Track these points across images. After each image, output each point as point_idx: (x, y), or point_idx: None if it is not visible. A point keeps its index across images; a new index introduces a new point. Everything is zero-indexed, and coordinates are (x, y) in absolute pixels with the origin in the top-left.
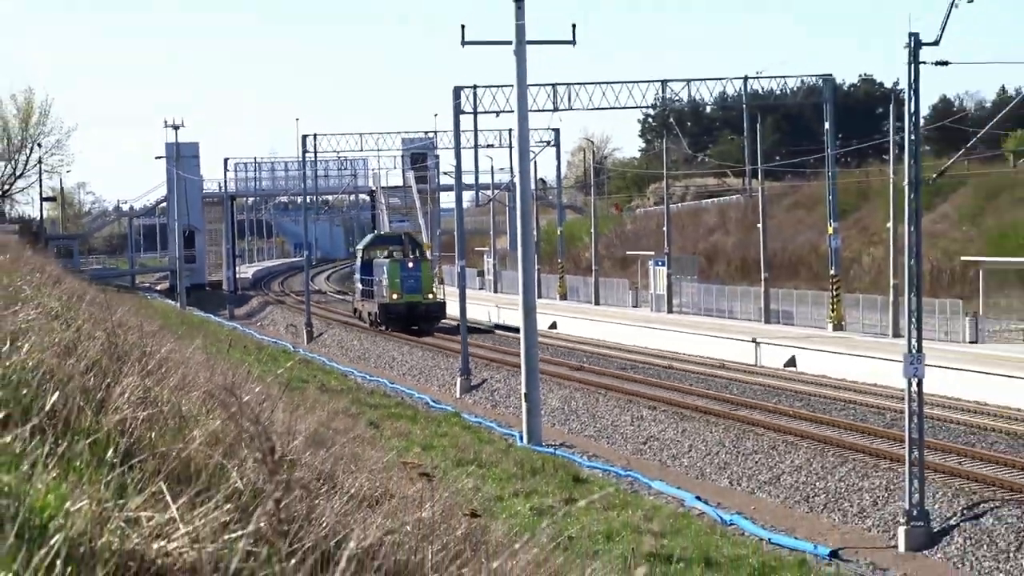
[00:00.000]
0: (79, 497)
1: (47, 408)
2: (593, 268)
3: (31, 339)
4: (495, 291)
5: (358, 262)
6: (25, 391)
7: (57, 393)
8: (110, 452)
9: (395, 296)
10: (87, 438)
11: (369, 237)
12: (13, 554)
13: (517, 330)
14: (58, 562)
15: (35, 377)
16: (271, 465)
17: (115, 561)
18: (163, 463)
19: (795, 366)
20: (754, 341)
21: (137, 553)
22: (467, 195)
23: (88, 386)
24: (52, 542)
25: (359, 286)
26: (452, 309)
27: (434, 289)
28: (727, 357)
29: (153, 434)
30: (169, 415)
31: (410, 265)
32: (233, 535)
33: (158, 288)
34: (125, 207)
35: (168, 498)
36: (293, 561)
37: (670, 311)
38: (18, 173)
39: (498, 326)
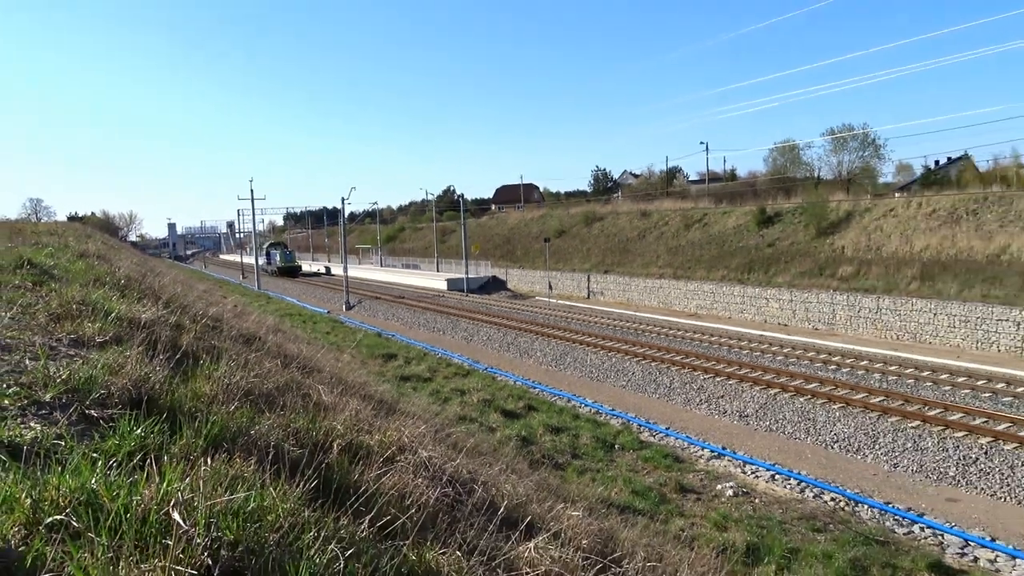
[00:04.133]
0: (121, 304)
1: (120, 283)
2: None
3: (125, 269)
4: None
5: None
6: (117, 281)
7: (124, 280)
8: (136, 294)
9: (281, 264)
10: (133, 291)
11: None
12: (104, 318)
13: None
14: (118, 320)
15: (126, 278)
16: (159, 294)
17: (129, 318)
18: (151, 295)
19: (330, 274)
20: (326, 266)
21: (138, 319)
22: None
23: (139, 279)
24: (112, 315)
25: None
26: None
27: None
28: (320, 270)
29: (153, 288)
30: (158, 286)
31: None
32: (164, 312)
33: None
34: (159, 237)
35: (150, 304)
36: (182, 327)
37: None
38: (128, 230)
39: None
